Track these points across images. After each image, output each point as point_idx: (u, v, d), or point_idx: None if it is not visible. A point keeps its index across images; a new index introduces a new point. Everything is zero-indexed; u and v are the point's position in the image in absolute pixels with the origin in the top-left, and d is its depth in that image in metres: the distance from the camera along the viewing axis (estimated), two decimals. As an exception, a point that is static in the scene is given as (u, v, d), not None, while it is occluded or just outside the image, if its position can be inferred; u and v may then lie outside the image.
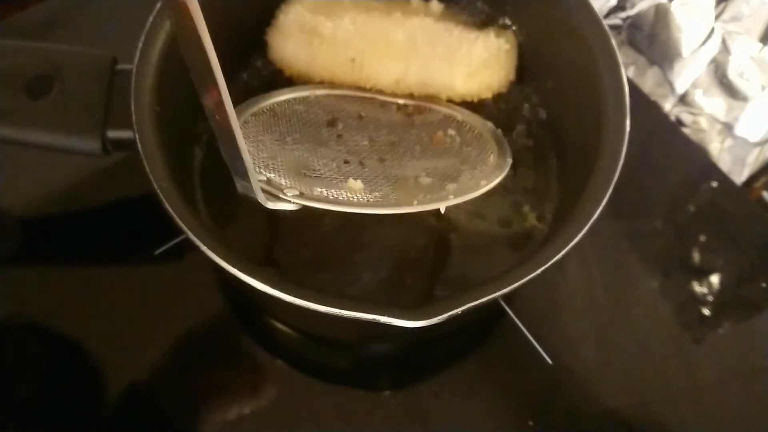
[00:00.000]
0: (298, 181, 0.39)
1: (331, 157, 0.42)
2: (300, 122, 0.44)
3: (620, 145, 0.38)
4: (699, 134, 0.59)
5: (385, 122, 0.45)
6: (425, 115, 0.46)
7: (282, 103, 0.45)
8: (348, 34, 0.44)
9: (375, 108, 0.46)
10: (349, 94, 0.46)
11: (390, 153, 0.43)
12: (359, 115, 0.45)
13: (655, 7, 0.59)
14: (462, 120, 0.46)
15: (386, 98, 0.46)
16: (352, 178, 0.39)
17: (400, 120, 0.46)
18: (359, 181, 0.39)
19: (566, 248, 0.35)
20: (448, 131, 0.45)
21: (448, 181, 0.40)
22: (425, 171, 0.41)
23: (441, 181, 0.41)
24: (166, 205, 0.34)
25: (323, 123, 0.45)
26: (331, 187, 0.39)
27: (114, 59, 0.40)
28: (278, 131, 0.43)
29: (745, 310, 0.50)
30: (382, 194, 0.39)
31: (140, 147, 0.36)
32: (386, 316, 0.32)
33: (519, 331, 0.46)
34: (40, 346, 0.45)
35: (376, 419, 0.43)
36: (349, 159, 0.42)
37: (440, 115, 0.46)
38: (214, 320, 0.46)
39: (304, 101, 0.46)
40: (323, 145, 0.43)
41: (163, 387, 0.43)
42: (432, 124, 0.46)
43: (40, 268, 0.47)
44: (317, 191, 0.38)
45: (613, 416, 0.45)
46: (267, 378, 0.44)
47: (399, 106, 0.46)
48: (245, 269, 0.33)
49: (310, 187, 0.38)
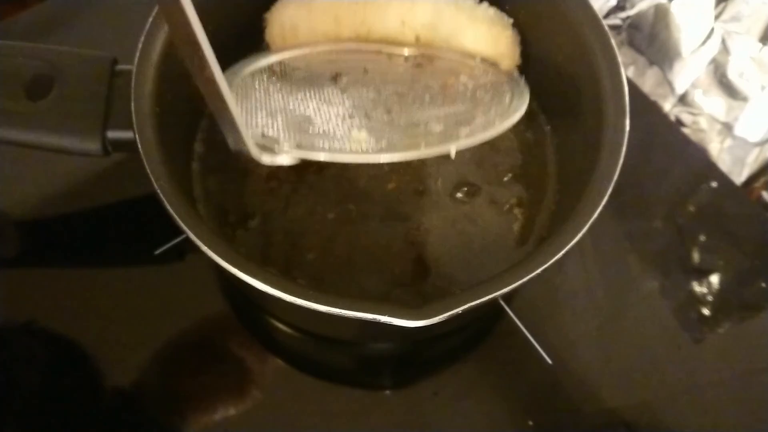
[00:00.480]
0: (298, 135, 0.37)
1: (335, 113, 0.40)
2: (301, 79, 0.42)
3: (620, 145, 0.38)
4: (699, 134, 0.59)
5: (391, 74, 0.43)
6: (434, 64, 0.44)
7: (282, 62, 0.43)
8: None
9: (381, 61, 0.44)
10: (353, 48, 0.44)
11: (398, 104, 0.41)
12: (364, 69, 0.43)
13: (655, 7, 0.59)
14: (474, 65, 0.43)
15: (392, 50, 0.44)
16: (356, 129, 0.38)
17: (407, 71, 0.44)
18: (363, 131, 0.38)
19: (566, 248, 0.35)
20: (459, 77, 0.43)
21: (461, 126, 0.38)
22: (436, 119, 0.40)
23: (454, 126, 0.39)
24: (165, 204, 0.34)
25: (326, 78, 0.43)
26: (333, 140, 0.38)
27: (114, 60, 0.40)
28: (279, 90, 0.41)
29: (745, 310, 0.50)
30: (388, 143, 0.38)
31: (140, 147, 0.36)
32: (386, 316, 0.32)
33: (519, 331, 0.46)
34: (39, 345, 0.45)
35: (376, 418, 0.43)
36: (354, 113, 0.40)
37: (450, 62, 0.44)
38: (214, 320, 0.46)
39: (305, 58, 0.44)
40: (326, 101, 0.41)
41: (164, 386, 0.43)
42: (442, 72, 0.43)
43: (41, 269, 0.47)
44: (318, 143, 0.37)
45: (613, 416, 0.45)
46: (267, 377, 0.44)
47: (406, 57, 0.44)
48: (245, 268, 0.33)
49: (311, 141, 0.37)
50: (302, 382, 0.44)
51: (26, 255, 0.48)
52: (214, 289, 0.46)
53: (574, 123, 0.45)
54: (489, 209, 0.45)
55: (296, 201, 0.45)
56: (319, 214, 0.44)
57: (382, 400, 0.44)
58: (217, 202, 0.44)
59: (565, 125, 0.47)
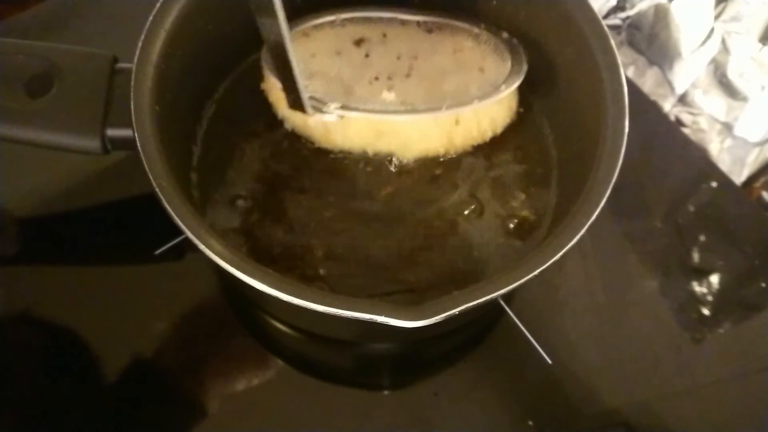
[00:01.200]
0: (336, 97, 0.44)
1: (362, 74, 0.46)
2: (330, 44, 0.48)
3: (620, 145, 0.38)
4: (699, 134, 0.59)
5: (407, 39, 0.48)
6: (444, 31, 0.49)
7: (311, 28, 0.48)
8: None
9: (397, 27, 0.49)
10: (372, 16, 0.49)
11: (415, 68, 0.47)
12: (383, 34, 0.49)
13: (655, 7, 0.59)
14: (479, 32, 0.48)
15: (407, 17, 0.49)
16: (385, 91, 0.44)
17: (421, 36, 0.49)
18: (392, 92, 0.44)
19: (565, 248, 0.35)
20: (466, 43, 0.48)
21: (470, 87, 0.45)
22: (448, 80, 0.46)
23: (465, 86, 0.45)
24: (164, 203, 0.34)
25: (351, 43, 0.48)
26: (366, 102, 0.44)
27: (114, 58, 0.40)
28: (311, 53, 0.47)
29: (745, 310, 0.50)
30: (412, 104, 0.44)
31: (140, 146, 0.36)
32: (383, 316, 0.32)
33: (519, 331, 0.46)
34: (39, 345, 0.45)
35: (377, 419, 0.43)
36: (379, 75, 0.46)
37: (458, 29, 0.49)
38: (214, 319, 0.46)
39: (331, 25, 0.49)
40: (353, 64, 0.47)
41: (163, 387, 0.43)
42: (451, 38, 0.49)
43: (41, 268, 0.47)
44: (354, 105, 0.44)
45: (613, 416, 0.45)
46: (267, 377, 0.44)
47: (419, 22, 0.49)
48: (243, 268, 0.33)
49: (347, 102, 0.44)
50: (302, 383, 0.44)
51: (27, 254, 0.48)
52: (214, 289, 0.46)
53: (574, 123, 0.45)
54: (489, 209, 0.45)
55: (297, 201, 0.45)
56: (318, 214, 0.44)
57: (382, 400, 0.44)
58: (217, 200, 0.44)
59: (565, 125, 0.47)
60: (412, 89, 0.46)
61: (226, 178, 0.45)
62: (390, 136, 0.46)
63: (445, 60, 0.47)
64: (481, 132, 0.47)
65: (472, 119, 0.46)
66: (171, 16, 0.40)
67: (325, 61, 0.47)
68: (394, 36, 0.49)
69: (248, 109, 0.47)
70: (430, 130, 0.46)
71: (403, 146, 0.46)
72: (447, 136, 0.46)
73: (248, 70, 0.49)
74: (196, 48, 0.43)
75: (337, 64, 0.46)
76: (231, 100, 0.48)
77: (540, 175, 0.47)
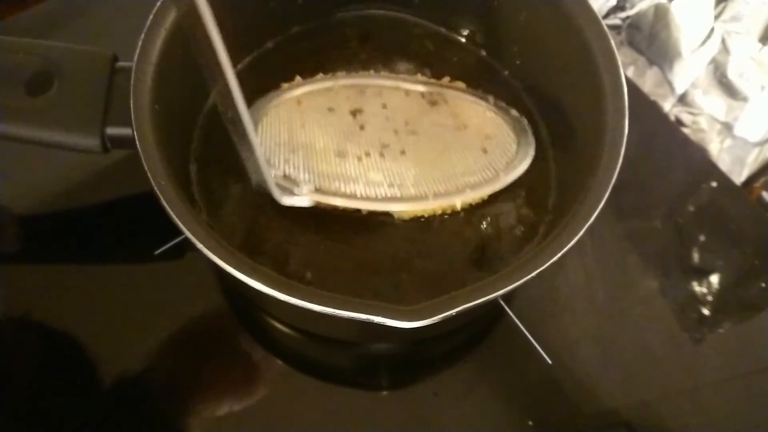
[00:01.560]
0: (316, 176, 0.41)
1: (352, 150, 0.43)
2: (323, 113, 0.45)
3: (619, 145, 0.38)
4: (699, 134, 0.59)
5: (408, 111, 0.46)
6: (449, 104, 0.46)
7: (305, 95, 0.45)
8: None
9: (399, 97, 0.46)
10: (372, 83, 0.47)
11: (412, 145, 0.44)
12: (382, 105, 0.46)
13: (655, 7, 0.59)
14: (487, 106, 0.46)
15: (410, 86, 0.46)
16: (373, 171, 0.41)
17: (423, 109, 0.46)
18: (379, 173, 0.41)
19: (565, 248, 0.35)
20: (471, 120, 0.46)
21: (470, 168, 0.42)
22: (447, 160, 0.43)
23: (463, 168, 0.42)
24: (163, 202, 0.34)
25: (346, 113, 0.45)
26: (349, 181, 0.41)
27: (114, 57, 0.40)
28: (300, 122, 0.44)
29: (745, 310, 0.50)
30: (400, 187, 0.41)
31: (139, 144, 0.36)
32: (380, 317, 0.32)
33: (519, 331, 0.46)
34: (38, 345, 0.45)
35: (377, 419, 0.43)
36: (370, 151, 0.43)
37: (464, 102, 0.46)
38: (214, 320, 0.46)
39: (328, 92, 0.46)
40: (345, 136, 0.44)
41: (163, 387, 0.43)
42: (455, 112, 0.46)
43: (40, 268, 0.47)
44: (335, 186, 0.40)
45: (613, 416, 0.45)
46: (266, 377, 0.44)
47: (423, 93, 0.46)
48: (242, 267, 0.33)
49: (328, 182, 0.40)
50: (302, 383, 0.44)
51: (27, 254, 0.48)
52: (214, 289, 0.46)
53: (574, 123, 0.45)
54: (489, 210, 0.45)
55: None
56: (320, 213, 0.44)
57: (382, 400, 0.44)
58: (216, 200, 0.44)
59: (565, 125, 0.47)
60: (404, 170, 0.43)
61: (226, 178, 0.45)
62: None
63: (447, 137, 0.45)
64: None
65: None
66: (171, 14, 0.40)
67: (315, 132, 0.44)
68: (394, 107, 0.46)
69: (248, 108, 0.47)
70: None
71: (399, 210, 0.44)
72: None
73: (248, 69, 0.49)
74: (196, 47, 0.43)
75: (327, 136, 0.44)
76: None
77: (540, 175, 0.47)
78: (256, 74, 0.49)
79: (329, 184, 0.40)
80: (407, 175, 0.42)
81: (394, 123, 0.45)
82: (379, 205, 0.40)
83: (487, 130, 0.45)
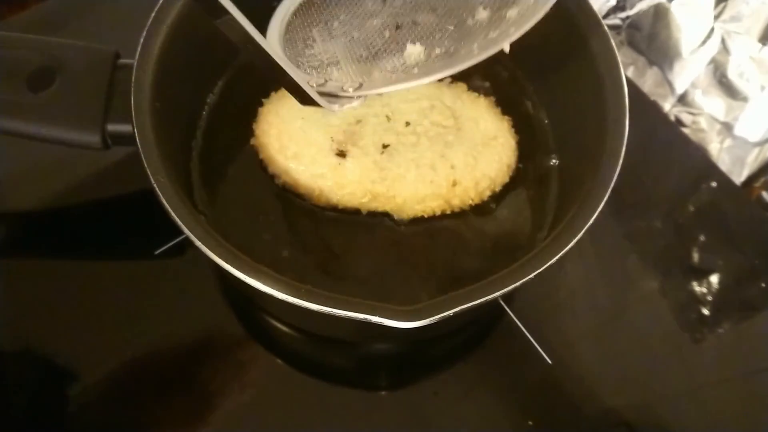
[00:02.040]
0: (356, 69, 0.38)
1: (382, 26, 0.40)
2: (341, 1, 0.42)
3: (620, 145, 0.38)
4: (699, 134, 0.59)
5: None
6: None
7: None
8: None
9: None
10: None
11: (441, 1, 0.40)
12: None
13: (655, 7, 0.59)
14: None
15: None
16: (410, 42, 0.39)
17: None
18: (417, 43, 0.38)
19: (565, 249, 0.35)
20: None
21: (506, 9, 0.38)
22: (481, 4, 0.39)
23: (499, 10, 0.38)
24: (162, 199, 0.34)
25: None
26: (389, 61, 0.38)
27: (116, 54, 0.40)
28: (323, 20, 0.42)
29: (745, 310, 0.50)
30: (443, 50, 0.38)
31: (138, 141, 0.36)
32: (377, 316, 0.32)
33: (519, 331, 0.46)
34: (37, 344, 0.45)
35: (377, 419, 0.43)
36: (401, 22, 0.40)
37: None
38: (213, 319, 0.45)
39: None
40: (371, 15, 0.41)
41: (162, 386, 0.43)
42: None
43: (41, 268, 0.47)
44: (376, 75, 0.38)
45: (613, 416, 0.44)
46: (267, 377, 0.44)
47: None
48: (240, 266, 0.33)
49: (369, 72, 0.38)
50: (302, 383, 0.44)
51: (27, 253, 0.48)
52: (214, 289, 0.46)
53: (574, 123, 0.45)
54: (489, 212, 0.45)
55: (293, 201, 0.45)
56: (318, 213, 0.44)
57: (383, 400, 0.44)
58: (215, 198, 0.44)
59: (565, 125, 0.47)
60: (439, 29, 0.39)
61: (226, 175, 0.45)
62: (385, 197, 0.43)
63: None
64: (479, 192, 0.45)
65: (470, 180, 0.44)
66: (173, 12, 0.40)
67: (341, 24, 0.41)
68: None
69: (248, 107, 0.47)
70: (425, 192, 0.43)
71: (399, 208, 0.44)
72: (444, 197, 0.44)
73: (248, 68, 0.49)
74: (198, 44, 0.43)
75: (355, 21, 0.41)
76: (231, 96, 0.48)
77: (541, 176, 0.47)
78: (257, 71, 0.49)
79: (370, 73, 0.38)
80: (445, 33, 0.39)
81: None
82: (426, 78, 0.36)
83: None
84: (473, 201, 0.45)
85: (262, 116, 0.46)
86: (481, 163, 0.44)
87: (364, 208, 0.44)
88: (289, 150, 0.44)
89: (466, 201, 0.44)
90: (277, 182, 0.45)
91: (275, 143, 0.45)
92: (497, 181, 0.45)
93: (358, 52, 0.40)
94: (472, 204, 0.45)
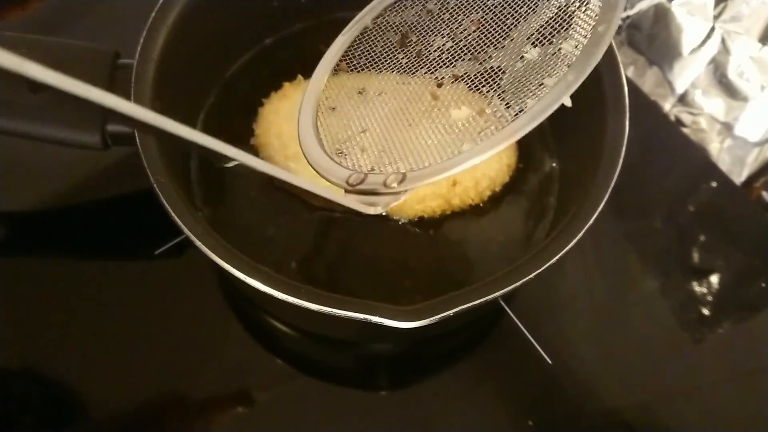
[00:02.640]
0: (400, 154, 0.33)
1: (424, 85, 0.36)
2: (370, 63, 0.39)
3: (620, 145, 0.38)
4: (699, 134, 0.59)
5: (457, 9, 0.38)
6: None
7: (341, 61, 0.40)
8: None
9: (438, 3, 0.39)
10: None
11: (479, 42, 0.36)
12: (427, 11, 0.39)
13: (655, 7, 0.59)
14: None
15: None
16: (463, 107, 0.33)
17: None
18: (463, 108, 0.33)
19: (565, 249, 0.35)
20: None
21: (560, 40, 0.33)
22: (527, 40, 0.34)
23: (550, 43, 0.33)
24: (162, 199, 0.34)
25: (394, 46, 0.39)
26: (437, 133, 0.33)
27: (116, 54, 0.40)
28: (354, 98, 0.37)
29: (745, 310, 0.50)
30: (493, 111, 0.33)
31: (139, 142, 0.36)
32: (377, 317, 0.32)
33: (519, 331, 0.46)
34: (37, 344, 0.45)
35: (377, 419, 0.43)
36: (440, 75, 0.36)
37: None
38: (213, 319, 0.45)
39: (361, 39, 0.40)
40: (408, 71, 0.37)
41: (163, 386, 0.43)
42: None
43: (40, 268, 0.47)
44: (420, 169, 0.32)
45: (613, 416, 0.44)
46: (267, 377, 0.44)
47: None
48: (240, 265, 0.33)
49: (417, 156, 0.32)
50: (302, 383, 0.44)
51: (27, 253, 0.48)
52: (214, 289, 0.46)
53: (574, 123, 0.45)
54: (489, 211, 0.45)
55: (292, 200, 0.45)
56: (318, 213, 0.44)
57: (383, 400, 0.44)
58: (215, 198, 0.44)
59: (565, 125, 0.47)
60: (492, 79, 0.34)
61: (226, 176, 0.45)
62: None
63: (514, 17, 0.36)
64: (479, 192, 0.45)
65: (470, 180, 0.44)
66: (173, 12, 0.40)
67: (375, 94, 0.37)
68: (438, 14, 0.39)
69: (248, 107, 0.47)
70: (425, 191, 0.43)
71: (399, 208, 0.43)
72: (444, 197, 0.44)
73: (248, 67, 0.49)
74: (198, 44, 0.43)
75: (390, 89, 0.37)
76: (231, 96, 0.48)
77: (541, 176, 0.47)
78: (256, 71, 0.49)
79: (419, 158, 0.33)
80: (497, 83, 0.34)
81: (449, 29, 0.38)
82: (478, 157, 0.32)
83: None
84: (473, 201, 0.45)
85: (262, 116, 0.46)
86: (481, 162, 0.44)
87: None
88: (289, 150, 0.44)
89: (466, 201, 0.45)
90: (276, 182, 0.45)
91: (275, 143, 0.45)
92: (497, 180, 0.45)
93: (400, 127, 0.34)
94: (472, 204, 0.45)
